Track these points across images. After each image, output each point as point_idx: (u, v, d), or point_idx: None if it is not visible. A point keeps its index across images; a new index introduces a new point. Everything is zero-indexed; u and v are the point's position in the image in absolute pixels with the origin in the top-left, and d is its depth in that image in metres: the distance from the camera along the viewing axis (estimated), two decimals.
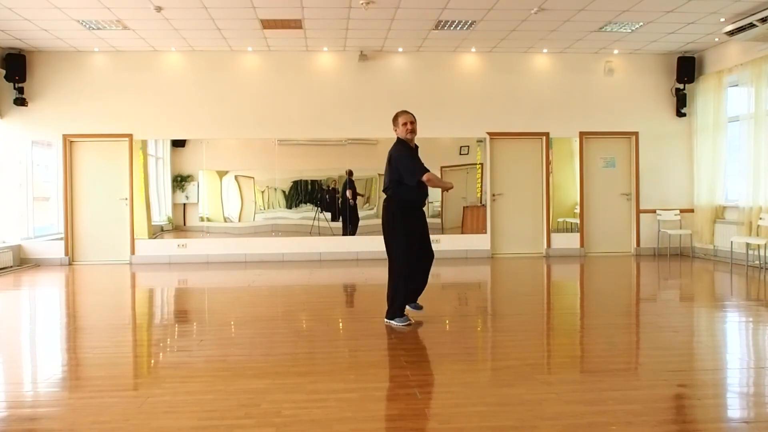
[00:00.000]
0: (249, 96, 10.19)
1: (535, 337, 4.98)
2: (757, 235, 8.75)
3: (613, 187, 10.72)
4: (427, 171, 5.13)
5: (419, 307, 5.50)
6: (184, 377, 3.84)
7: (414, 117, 5.32)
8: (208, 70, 10.15)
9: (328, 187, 10.45)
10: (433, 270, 5.58)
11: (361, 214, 10.41)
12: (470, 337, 5.10)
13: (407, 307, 5.38)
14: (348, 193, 10.31)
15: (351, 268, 9.33)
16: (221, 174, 10.34)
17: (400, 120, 5.27)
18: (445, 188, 5.58)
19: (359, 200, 10.37)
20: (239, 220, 10.40)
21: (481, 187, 10.48)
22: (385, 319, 5.29)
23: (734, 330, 5.31)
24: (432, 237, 5.54)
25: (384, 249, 5.36)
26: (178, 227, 10.34)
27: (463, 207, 10.49)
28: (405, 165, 5.13)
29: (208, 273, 9.12)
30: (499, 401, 3.31)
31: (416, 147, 5.39)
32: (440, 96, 10.34)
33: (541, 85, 10.54)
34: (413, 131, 5.26)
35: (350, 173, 10.32)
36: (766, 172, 8.78)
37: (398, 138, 5.31)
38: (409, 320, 5.23)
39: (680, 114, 10.62)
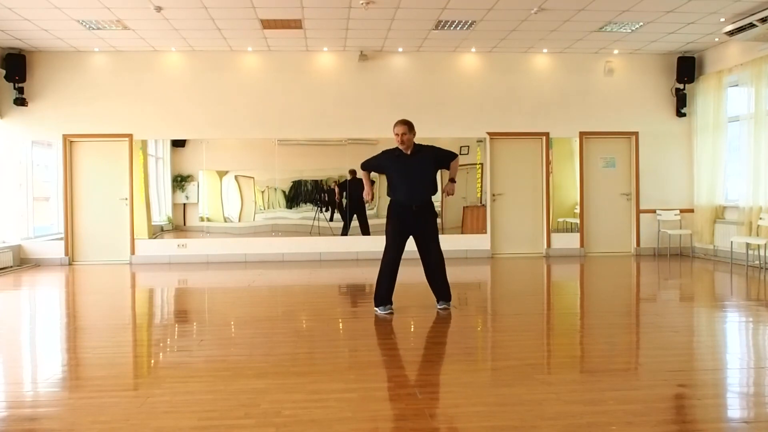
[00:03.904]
0: (249, 96, 10.19)
1: (535, 337, 4.98)
2: (757, 235, 8.74)
3: (613, 187, 10.72)
4: (363, 170, 5.91)
5: (442, 308, 5.71)
6: (184, 377, 3.84)
7: (407, 128, 5.57)
8: (208, 70, 10.15)
9: (328, 186, 10.45)
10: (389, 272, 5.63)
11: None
12: (470, 337, 5.10)
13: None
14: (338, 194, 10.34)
15: (351, 268, 9.33)
16: (221, 174, 10.34)
17: (394, 129, 5.61)
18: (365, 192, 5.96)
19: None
20: (239, 220, 10.40)
21: (481, 187, 10.48)
22: (447, 304, 5.68)
23: (734, 330, 5.31)
24: None
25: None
26: (178, 227, 10.34)
27: (463, 207, 10.49)
28: None
29: (208, 273, 9.12)
30: (499, 401, 3.31)
31: (417, 152, 5.64)
32: (440, 96, 10.34)
33: (541, 85, 10.54)
34: (402, 142, 5.57)
35: (354, 173, 10.33)
36: (766, 172, 8.78)
37: None
38: (388, 310, 5.61)
39: (680, 114, 10.62)
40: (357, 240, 10.35)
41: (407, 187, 5.55)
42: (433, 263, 5.61)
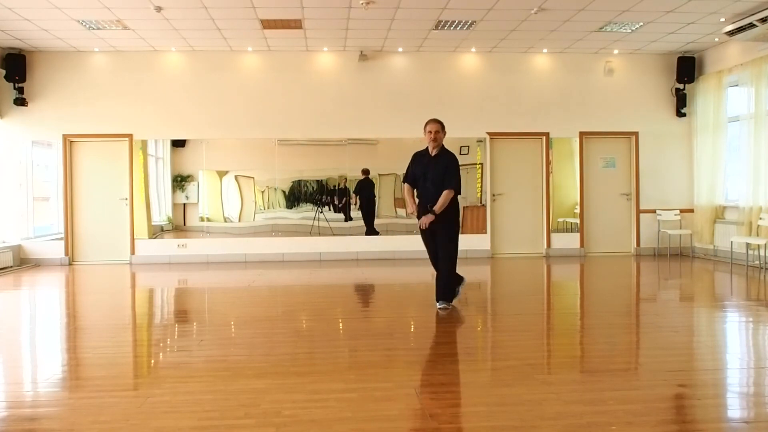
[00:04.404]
0: (249, 96, 10.19)
1: (535, 337, 4.98)
2: (757, 235, 8.74)
3: (613, 187, 10.72)
4: (405, 183, 5.86)
5: (441, 308, 5.75)
6: (184, 377, 3.84)
7: (439, 126, 5.69)
8: (208, 70, 10.15)
9: (336, 186, 10.44)
10: (433, 269, 5.66)
11: (356, 214, 10.44)
12: (470, 337, 5.10)
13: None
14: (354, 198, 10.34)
15: (351, 268, 9.33)
16: (221, 174, 10.34)
17: (426, 127, 5.73)
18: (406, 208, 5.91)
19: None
20: (239, 220, 10.39)
21: (481, 187, 10.48)
22: (447, 304, 5.71)
23: (734, 330, 5.31)
24: None
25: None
26: (178, 227, 10.33)
27: (463, 207, 10.47)
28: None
29: (208, 273, 9.12)
30: (499, 401, 3.31)
31: (439, 155, 5.69)
32: (440, 96, 10.34)
33: (541, 85, 10.54)
34: (434, 140, 5.65)
35: (366, 172, 10.32)
36: (766, 172, 8.77)
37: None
38: (441, 305, 5.74)
39: (680, 114, 10.62)
40: (357, 240, 10.34)
41: (423, 187, 5.69)
42: (441, 262, 5.67)
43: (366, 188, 10.35)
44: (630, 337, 5.05)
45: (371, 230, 10.34)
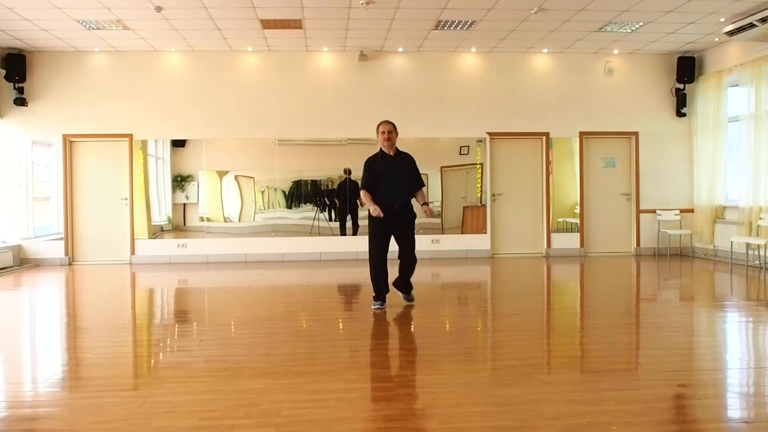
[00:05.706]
0: (249, 96, 10.19)
1: (535, 337, 4.98)
2: (757, 235, 8.74)
3: (613, 187, 10.72)
4: (363, 189, 5.78)
5: (407, 300, 5.99)
6: (184, 377, 3.84)
7: (392, 127, 5.80)
8: (208, 70, 10.15)
9: (327, 186, 10.45)
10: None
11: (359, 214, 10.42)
12: (470, 337, 5.10)
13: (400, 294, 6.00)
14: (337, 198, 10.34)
15: (351, 268, 9.33)
16: (221, 174, 10.34)
17: (379, 129, 5.79)
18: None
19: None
20: (239, 220, 10.40)
21: (481, 187, 10.48)
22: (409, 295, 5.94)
23: (734, 330, 5.31)
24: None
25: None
26: (178, 227, 10.34)
27: (463, 207, 10.49)
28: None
29: (208, 273, 9.12)
30: (499, 401, 3.31)
31: (399, 155, 5.82)
32: (440, 96, 10.34)
33: (541, 85, 10.53)
34: (387, 140, 5.72)
35: (348, 172, 10.31)
36: (766, 172, 8.77)
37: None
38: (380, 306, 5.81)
39: (680, 114, 10.62)
40: (357, 240, 10.32)
41: (391, 187, 5.70)
42: (410, 260, 5.78)
43: (352, 188, 10.28)
44: (630, 337, 5.05)
45: (354, 230, 10.32)
